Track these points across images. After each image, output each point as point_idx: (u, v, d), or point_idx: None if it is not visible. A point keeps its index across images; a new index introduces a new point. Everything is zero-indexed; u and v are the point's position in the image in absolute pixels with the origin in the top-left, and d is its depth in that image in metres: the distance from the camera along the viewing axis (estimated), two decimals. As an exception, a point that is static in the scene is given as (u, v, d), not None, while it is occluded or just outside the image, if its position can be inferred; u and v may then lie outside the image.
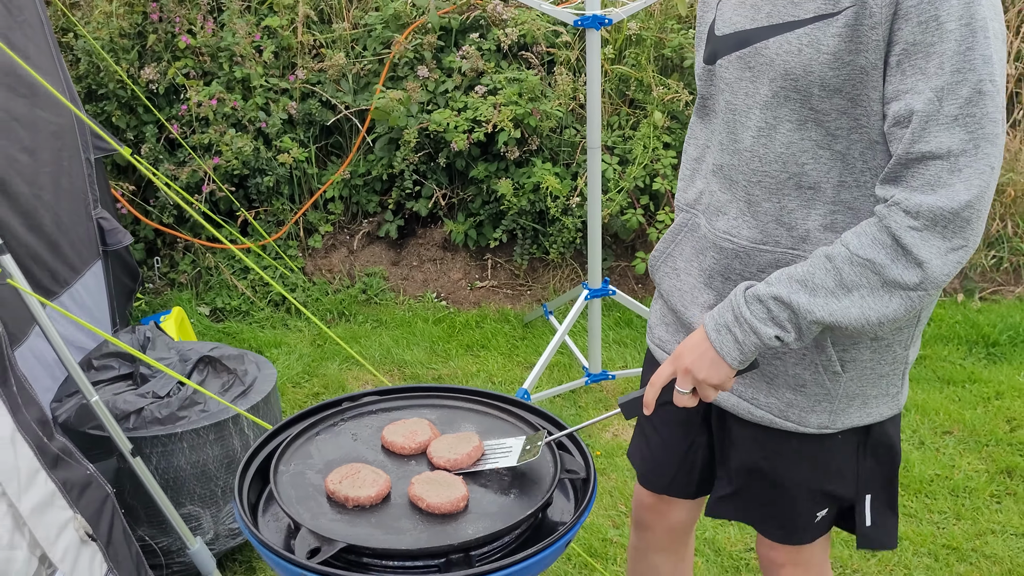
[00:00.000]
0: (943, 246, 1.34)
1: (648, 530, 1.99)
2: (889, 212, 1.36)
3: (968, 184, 1.32)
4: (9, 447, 1.94)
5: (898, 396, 1.63)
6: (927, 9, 1.30)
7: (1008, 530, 2.88)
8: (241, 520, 1.49)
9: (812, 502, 1.67)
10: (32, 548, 1.93)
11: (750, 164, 1.52)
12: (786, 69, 1.43)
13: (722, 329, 1.45)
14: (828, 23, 1.37)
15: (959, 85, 1.30)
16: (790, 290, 1.40)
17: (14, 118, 3.14)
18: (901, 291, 1.36)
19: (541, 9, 3.21)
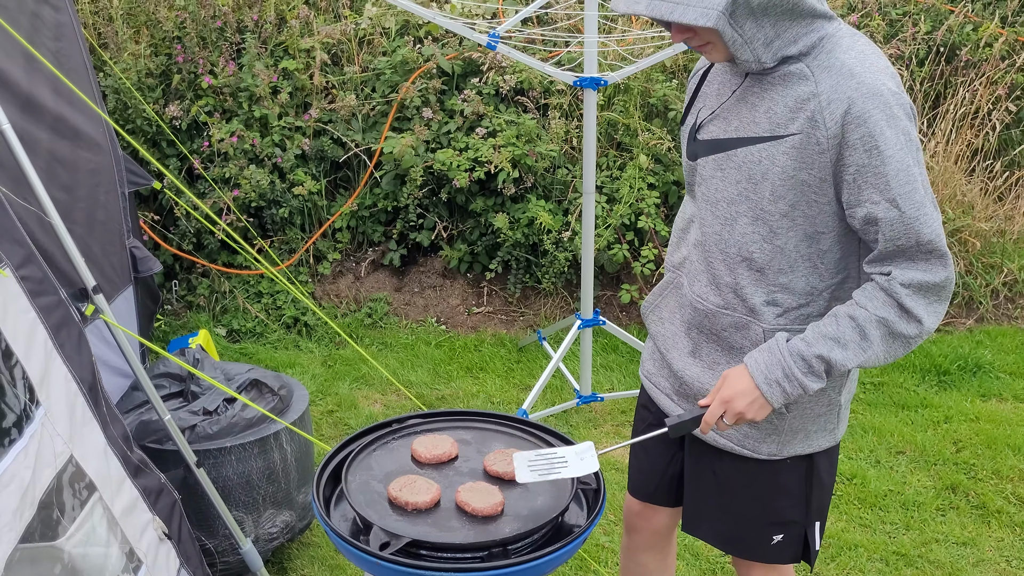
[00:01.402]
0: (927, 303, 1.75)
1: (637, 533, 2.37)
2: (890, 284, 1.75)
3: (943, 264, 1.74)
4: (103, 458, 2.28)
5: (835, 431, 2.01)
6: (868, 141, 1.69)
7: (950, 539, 3.28)
8: (323, 521, 1.84)
9: (766, 522, 2.04)
10: (122, 545, 2.27)
11: (717, 245, 1.91)
12: (748, 174, 1.82)
13: (773, 383, 1.80)
14: (779, 143, 1.76)
15: (910, 194, 1.70)
16: (828, 348, 1.77)
17: (57, 159, 3.47)
18: (904, 339, 1.77)
19: (544, 71, 3.59)
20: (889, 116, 1.69)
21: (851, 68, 1.71)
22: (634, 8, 1.71)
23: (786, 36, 1.73)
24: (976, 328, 4.94)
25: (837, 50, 1.74)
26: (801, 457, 2.00)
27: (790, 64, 1.76)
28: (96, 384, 2.36)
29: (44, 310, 2.22)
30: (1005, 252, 5.15)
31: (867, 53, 1.75)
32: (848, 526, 3.34)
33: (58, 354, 2.23)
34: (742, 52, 1.72)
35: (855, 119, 1.69)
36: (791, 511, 2.04)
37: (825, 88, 1.72)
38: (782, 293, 1.87)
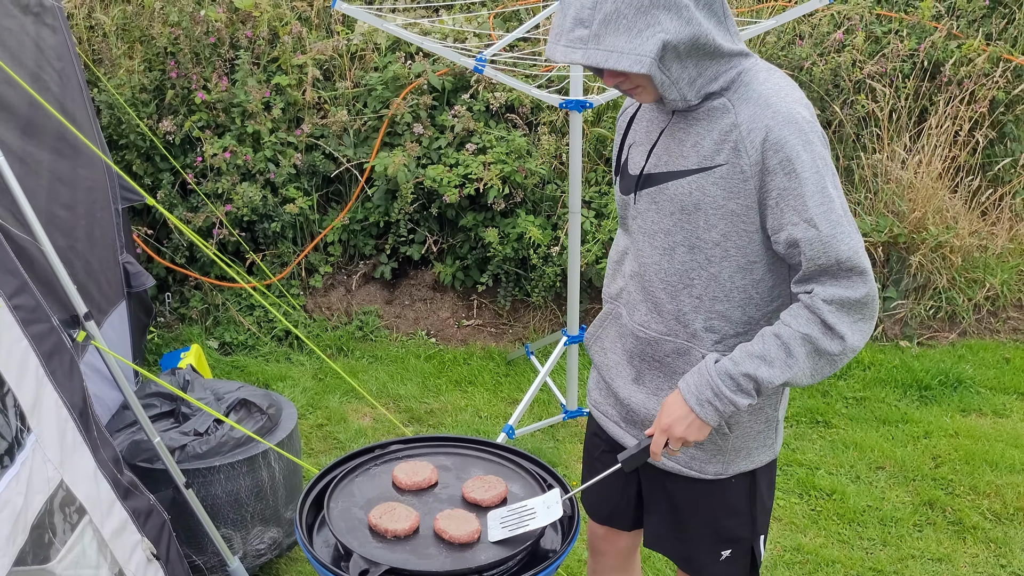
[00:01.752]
0: (851, 321, 1.81)
1: (602, 555, 2.46)
2: (812, 301, 1.82)
3: (863, 280, 1.80)
4: (93, 482, 2.34)
5: (773, 446, 2.11)
6: (787, 165, 1.78)
7: (926, 555, 3.35)
8: (306, 548, 1.91)
9: (715, 539, 2.12)
10: (112, 567, 2.33)
11: (657, 275, 1.98)
12: (681, 205, 1.90)
13: (704, 403, 1.89)
14: (708, 174, 1.85)
15: (827, 213, 1.78)
16: (754, 366, 1.84)
17: (58, 178, 3.53)
18: (829, 356, 1.83)
19: (531, 94, 3.66)
20: (804, 141, 1.78)
21: (767, 98, 1.80)
22: (571, 57, 1.78)
23: (707, 74, 1.82)
24: (958, 342, 5.01)
25: (754, 83, 1.83)
26: (745, 474, 2.09)
27: (713, 100, 1.85)
28: (87, 409, 2.42)
29: (36, 338, 2.28)
30: (987, 267, 5.22)
31: (781, 85, 1.84)
32: (827, 542, 3.41)
33: (49, 381, 2.29)
34: (670, 92, 1.81)
35: (773, 145, 1.78)
36: (738, 528, 2.13)
37: (744, 118, 1.81)
38: (719, 320, 1.95)
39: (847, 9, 5.52)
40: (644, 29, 1.71)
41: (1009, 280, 5.22)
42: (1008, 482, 3.77)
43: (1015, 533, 3.47)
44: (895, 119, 5.42)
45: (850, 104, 5.34)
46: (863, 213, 5.25)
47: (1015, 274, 5.27)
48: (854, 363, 4.70)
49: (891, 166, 5.29)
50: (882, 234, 5.08)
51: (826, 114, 5.37)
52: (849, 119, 5.35)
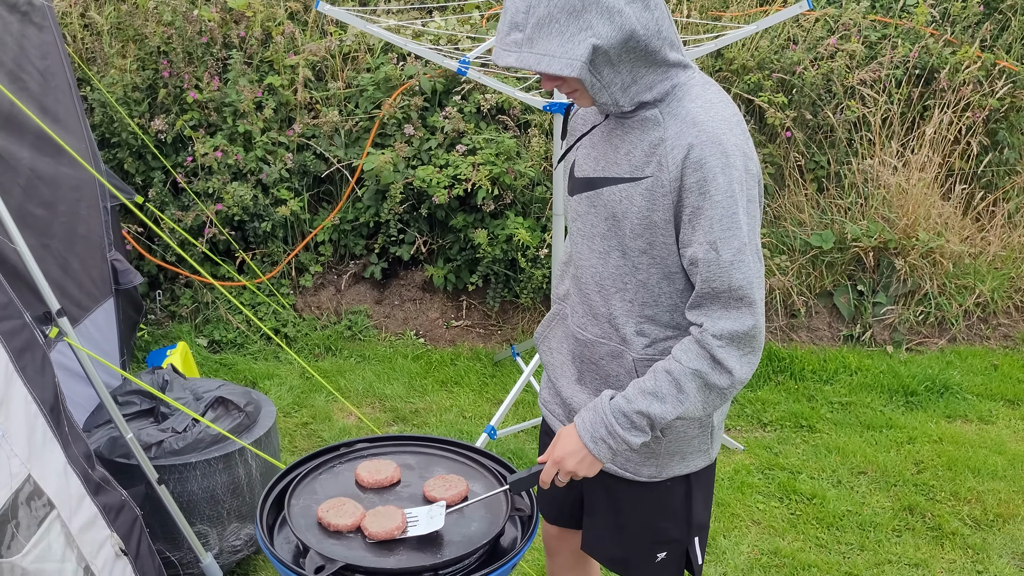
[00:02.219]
0: (739, 355, 1.83)
1: (556, 554, 2.48)
2: (702, 336, 1.83)
3: (751, 311, 1.80)
4: (63, 477, 2.36)
5: (709, 451, 2.11)
6: (702, 185, 1.78)
7: (903, 560, 3.35)
8: (264, 544, 1.92)
9: (651, 541, 2.13)
10: (79, 561, 2.35)
11: (593, 278, 2.00)
12: (613, 211, 1.91)
13: (599, 441, 1.90)
14: (636, 184, 1.85)
15: (730, 239, 1.78)
16: (647, 403, 1.85)
17: (39, 176, 3.55)
18: (718, 390, 1.85)
19: (515, 96, 3.67)
20: (725, 164, 1.78)
21: (695, 116, 1.80)
22: (506, 60, 1.79)
23: (642, 83, 1.82)
24: (947, 348, 5.00)
25: (686, 99, 1.83)
26: (680, 478, 2.10)
27: (646, 109, 1.85)
28: (58, 405, 2.43)
29: (6, 335, 2.30)
30: (978, 274, 5.21)
31: (714, 103, 1.83)
32: (804, 546, 3.41)
33: (19, 377, 2.30)
34: (600, 95, 1.81)
35: (692, 163, 1.78)
36: (673, 530, 2.13)
37: (671, 134, 1.81)
38: (649, 324, 1.95)
39: (840, 14, 5.52)
40: (576, 33, 1.72)
41: (1000, 287, 5.22)
42: (989, 488, 3.77)
43: (993, 539, 3.46)
44: (887, 125, 5.42)
45: (842, 109, 5.34)
46: (854, 218, 5.25)
47: (1006, 281, 5.26)
48: (840, 368, 4.70)
49: (882, 171, 5.29)
50: (872, 239, 5.08)
51: (818, 119, 5.37)
52: (841, 124, 5.35)
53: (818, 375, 4.65)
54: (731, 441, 3.99)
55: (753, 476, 3.84)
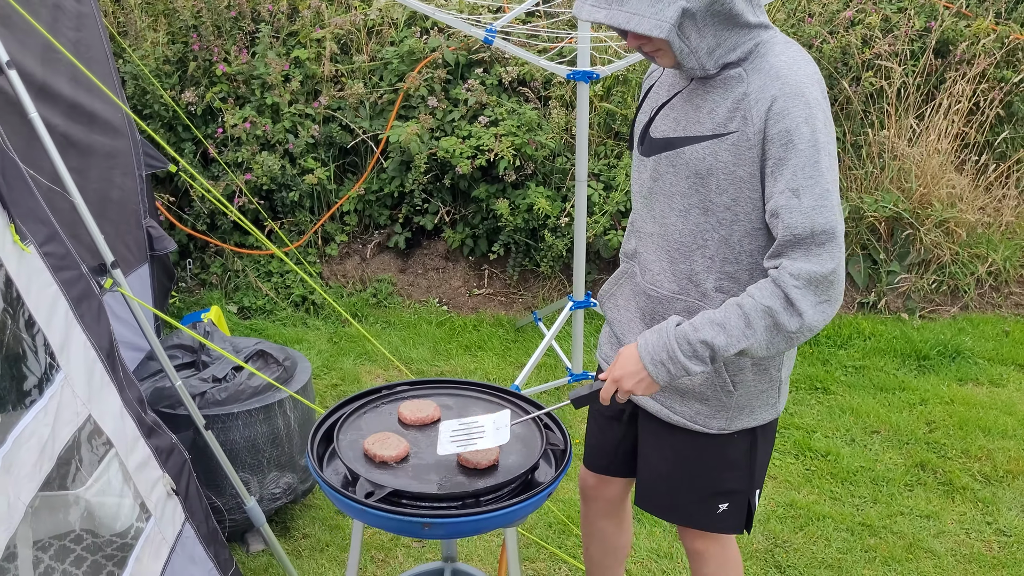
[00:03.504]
0: (815, 300, 1.85)
1: (593, 501, 2.56)
2: (779, 274, 1.88)
3: (831, 256, 1.84)
4: (119, 419, 2.50)
5: (776, 405, 2.19)
6: (785, 136, 1.86)
7: (915, 512, 3.47)
8: (316, 473, 2.05)
9: (713, 492, 2.22)
10: (135, 498, 2.49)
11: (672, 235, 2.08)
12: (696, 169, 1.99)
13: (658, 364, 1.96)
14: (721, 140, 1.94)
15: (812, 186, 1.85)
16: (713, 333, 1.91)
17: (71, 142, 3.68)
18: (786, 332, 1.87)
19: (539, 64, 3.78)
20: (807, 116, 1.85)
21: (778, 70, 1.88)
22: (595, 16, 1.88)
23: (726, 45, 1.91)
24: (960, 316, 5.10)
25: (769, 55, 1.91)
26: (747, 431, 2.18)
27: (730, 69, 1.94)
28: (113, 351, 2.57)
29: (66, 283, 2.43)
30: (991, 243, 5.30)
31: (796, 59, 1.91)
32: (819, 499, 3.53)
33: (78, 323, 2.44)
34: (688, 60, 1.90)
35: (776, 115, 1.86)
36: (736, 482, 2.22)
37: (754, 88, 1.89)
38: (728, 281, 2.04)
39: (857, -13, 5.59)
40: None
41: (1012, 256, 5.30)
42: (1000, 447, 3.88)
43: (1003, 494, 3.58)
44: (904, 98, 5.50)
45: (858, 81, 5.42)
46: (869, 189, 5.34)
47: (1018, 250, 5.34)
48: (855, 333, 4.81)
49: (898, 143, 5.37)
50: (887, 209, 5.17)
51: (835, 91, 5.45)
52: (858, 96, 5.43)
53: (833, 340, 4.75)
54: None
55: (769, 435, 3.95)
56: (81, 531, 2.40)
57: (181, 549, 2.58)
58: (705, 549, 2.34)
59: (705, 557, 2.35)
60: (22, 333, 2.20)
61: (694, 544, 2.35)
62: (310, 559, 3.20)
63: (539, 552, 3.22)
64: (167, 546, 2.53)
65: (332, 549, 3.24)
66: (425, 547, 3.26)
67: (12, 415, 2.09)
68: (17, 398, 2.12)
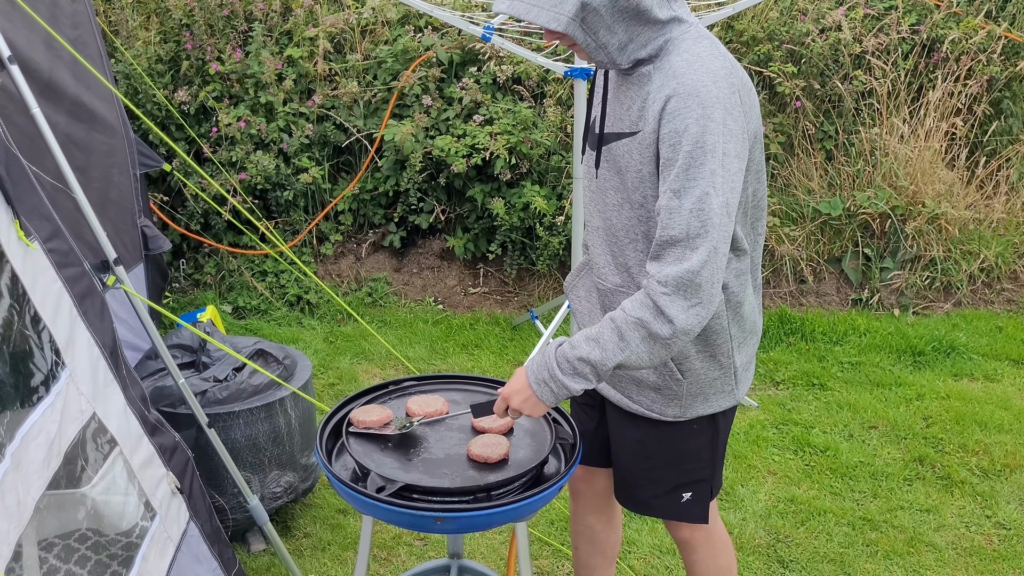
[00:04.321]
0: (685, 305, 1.82)
1: (580, 496, 2.56)
2: (648, 283, 1.88)
3: (699, 258, 1.80)
4: (123, 416, 2.48)
5: (733, 392, 2.18)
6: (674, 136, 1.83)
7: (915, 506, 3.49)
8: (325, 468, 2.04)
9: (677, 481, 2.22)
10: (140, 496, 2.47)
11: (611, 229, 2.08)
12: (619, 165, 2.00)
13: (542, 384, 1.97)
14: (634, 138, 1.94)
15: (692, 188, 1.82)
16: (588, 349, 1.89)
17: (73, 141, 3.66)
18: (661, 340, 1.85)
19: (536, 61, 3.78)
20: (700, 115, 1.81)
21: (676, 69, 1.86)
22: (499, 7, 1.87)
23: (638, 41, 1.89)
24: (953, 312, 5.13)
25: (673, 53, 1.89)
26: (706, 418, 2.18)
27: (642, 66, 1.93)
28: (117, 349, 2.56)
29: (70, 280, 2.41)
30: (982, 239, 5.33)
31: (701, 56, 1.88)
32: (819, 494, 3.55)
33: (82, 321, 2.42)
34: (596, 55, 1.90)
35: (668, 115, 1.84)
36: (699, 471, 2.23)
37: (654, 87, 1.88)
38: None
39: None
40: None
41: (1004, 252, 5.34)
42: (997, 441, 3.90)
43: (1001, 487, 3.60)
44: (895, 95, 5.53)
45: (849, 79, 5.45)
46: (862, 186, 5.37)
47: (1010, 246, 5.38)
48: (849, 329, 4.83)
49: (889, 140, 5.40)
50: (880, 206, 5.20)
51: (826, 88, 5.48)
52: (849, 94, 5.46)
53: (828, 337, 4.78)
54: (745, 399, 4.12)
55: (768, 431, 3.97)
56: (86, 530, 2.38)
57: (186, 548, 2.57)
58: (691, 536, 2.37)
59: (692, 544, 2.38)
60: (28, 330, 2.18)
61: (680, 533, 2.38)
62: (312, 558, 3.18)
63: (542, 549, 3.22)
64: (172, 545, 2.51)
65: (334, 548, 3.23)
66: (428, 545, 3.25)
67: (20, 412, 2.07)
68: (25, 395, 2.11)
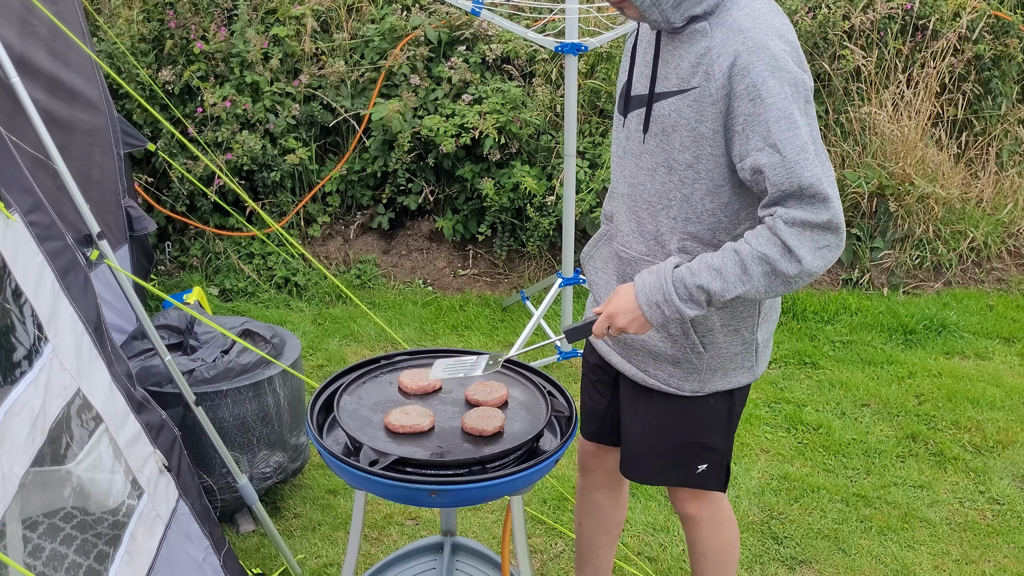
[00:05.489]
0: (813, 246, 1.84)
1: (590, 472, 2.53)
2: (775, 222, 1.85)
3: (826, 207, 1.81)
4: (108, 393, 2.43)
5: (753, 368, 2.16)
6: (752, 91, 1.82)
7: (908, 483, 3.47)
8: (317, 442, 2.00)
9: (692, 454, 2.20)
10: (126, 474, 2.43)
11: (641, 195, 2.05)
12: (662, 127, 1.97)
13: (653, 305, 1.94)
14: (684, 96, 1.91)
15: (792, 139, 1.81)
16: (709, 279, 1.89)
17: (53, 120, 3.59)
18: (784, 278, 1.86)
19: (527, 37, 3.73)
20: (774, 68, 1.81)
21: (740, 24, 1.85)
22: None
23: None
24: (943, 291, 5.12)
25: (734, 9, 1.88)
26: (723, 393, 2.16)
27: (696, 23, 1.91)
28: (101, 325, 2.50)
29: (52, 254, 2.36)
30: (971, 219, 5.32)
31: (762, 12, 1.88)
32: (812, 471, 3.53)
33: (65, 295, 2.37)
34: (651, 12, 1.88)
35: (740, 70, 1.83)
36: (714, 444, 2.21)
37: (717, 43, 1.87)
38: (691, 242, 2.01)
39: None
40: None
41: (993, 232, 5.33)
42: (989, 418, 3.89)
43: (994, 463, 3.59)
44: (883, 74, 5.50)
45: (838, 58, 5.42)
46: (851, 165, 5.35)
47: (999, 226, 5.38)
48: (841, 309, 4.81)
49: (879, 119, 5.38)
50: (869, 185, 5.18)
51: (815, 67, 5.45)
52: (838, 73, 5.43)
53: (819, 316, 4.76)
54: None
55: (760, 409, 3.95)
56: (72, 508, 2.33)
57: (176, 526, 2.52)
58: (697, 513, 2.34)
59: (698, 521, 2.35)
60: (10, 304, 2.13)
61: (685, 509, 2.35)
62: (302, 538, 3.15)
63: (535, 528, 3.19)
64: (162, 523, 2.47)
65: (324, 528, 3.19)
66: (419, 524, 3.22)
67: (3, 388, 2.02)
68: (7, 370, 2.05)
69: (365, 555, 3.04)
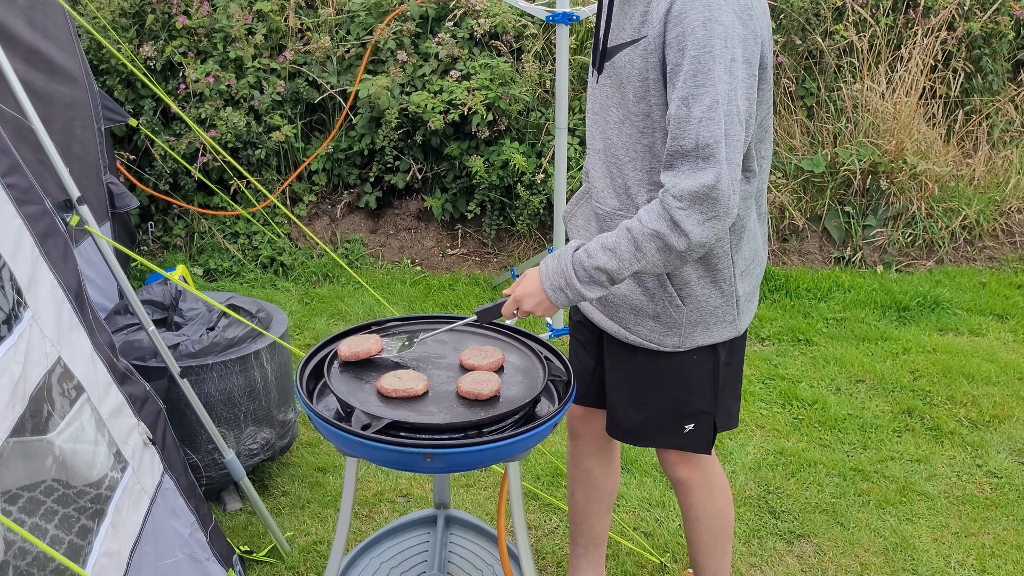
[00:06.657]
0: (700, 219, 1.81)
1: (580, 438, 2.49)
2: (663, 196, 1.83)
3: (714, 172, 1.78)
4: (90, 362, 2.35)
5: (735, 322, 2.12)
6: (680, 40, 1.79)
7: (905, 457, 3.43)
8: (307, 407, 1.93)
9: (678, 413, 2.16)
10: (109, 446, 2.35)
11: (611, 149, 2.02)
12: (622, 78, 1.93)
13: (557, 290, 1.95)
14: (636, 46, 1.88)
15: (701, 96, 1.77)
16: (605, 259, 1.88)
17: (31, 91, 3.49)
18: (676, 252, 1.85)
19: (517, 6, 3.66)
20: (706, 19, 1.77)
21: None
22: None
23: None
24: (936, 269, 5.09)
25: None
26: (706, 350, 2.12)
27: None
28: (82, 292, 2.42)
29: (30, 218, 2.27)
30: (964, 197, 5.29)
31: None
32: (809, 446, 3.48)
33: (44, 261, 2.29)
34: None
35: (673, 18, 1.79)
36: (700, 402, 2.17)
37: None
38: (657, 191, 1.96)
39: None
40: None
41: (985, 210, 5.31)
42: (984, 392, 3.86)
43: (991, 437, 3.56)
44: (875, 51, 5.46)
45: (830, 34, 5.37)
46: (844, 143, 5.31)
47: (991, 204, 5.35)
48: (834, 286, 4.77)
49: (871, 96, 5.34)
50: (862, 163, 5.14)
51: (806, 43, 5.40)
52: (830, 50, 5.38)
53: (813, 293, 4.72)
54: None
55: (755, 385, 3.90)
56: (53, 481, 2.25)
57: (162, 500, 2.45)
58: (688, 477, 2.30)
59: (689, 486, 2.32)
60: (-14, 266, 2.05)
61: (676, 473, 2.31)
62: (290, 516, 3.08)
63: (529, 503, 3.13)
64: (147, 497, 2.39)
65: (313, 506, 3.12)
66: (411, 502, 3.15)
67: (-21, 352, 1.94)
68: (-17, 333, 1.98)
69: (356, 532, 2.97)
